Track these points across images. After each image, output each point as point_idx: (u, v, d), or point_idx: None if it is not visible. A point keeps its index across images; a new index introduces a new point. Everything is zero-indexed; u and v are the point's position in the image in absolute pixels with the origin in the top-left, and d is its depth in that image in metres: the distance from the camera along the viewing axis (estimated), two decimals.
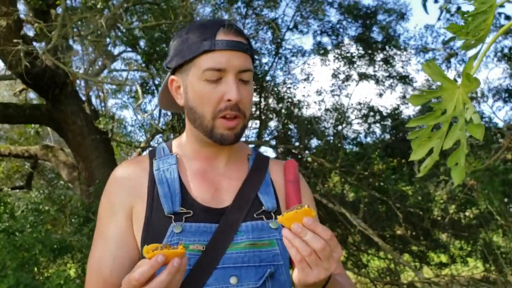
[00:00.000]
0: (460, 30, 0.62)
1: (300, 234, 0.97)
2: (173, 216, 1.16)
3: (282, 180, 1.29)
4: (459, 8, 3.56)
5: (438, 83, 0.67)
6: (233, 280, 1.12)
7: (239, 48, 1.16)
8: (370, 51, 7.54)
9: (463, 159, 0.65)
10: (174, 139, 1.33)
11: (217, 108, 1.15)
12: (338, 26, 7.52)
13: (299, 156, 6.92)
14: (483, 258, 6.29)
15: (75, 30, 3.90)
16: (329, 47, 7.75)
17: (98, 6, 4.10)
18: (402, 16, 7.38)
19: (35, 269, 3.98)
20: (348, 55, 7.63)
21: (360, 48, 7.58)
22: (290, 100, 7.42)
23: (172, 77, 1.24)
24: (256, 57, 7.32)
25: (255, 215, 1.20)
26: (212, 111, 1.16)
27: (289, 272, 1.19)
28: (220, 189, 1.23)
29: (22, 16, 5.46)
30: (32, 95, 8.82)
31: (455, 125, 0.67)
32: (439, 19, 5.80)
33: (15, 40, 3.51)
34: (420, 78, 9.18)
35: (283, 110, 7.45)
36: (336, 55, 7.70)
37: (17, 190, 9.03)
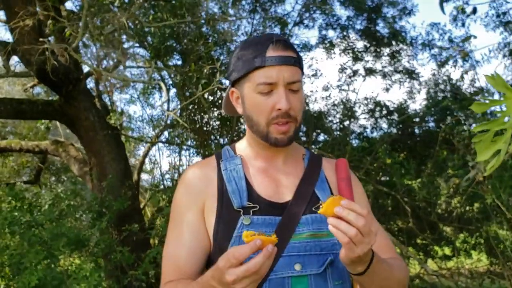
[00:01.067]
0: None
1: (343, 215, 1.09)
2: (241, 210, 1.30)
3: (334, 177, 1.43)
4: (474, 9, 3.66)
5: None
6: (297, 267, 1.25)
7: (287, 62, 1.29)
8: (376, 46, 7.62)
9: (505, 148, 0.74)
10: (236, 143, 1.48)
11: (270, 116, 1.30)
12: (343, 20, 7.61)
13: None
14: (487, 251, 6.42)
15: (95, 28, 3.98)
16: (335, 41, 7.84)
17: (116, 3, 4.19)
18: (406, 11, 7.45)
19: (59, 262, 4.08)
20: (354, 49, 7.71)
21: (366, 42, 7.66)
22: None
23: (232, 89, 1.39)
24: None
25: (313, 209, 1.33)
26: (266, 119, 1.31)
27: None
28: (281, 185, 1.38)
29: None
30: (38, 89, 8.91)
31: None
32: (454, 19, 5.89)
33: (40, 40, 3.60)
34: (426, 73, 9.26)
35: None
36: (342, 49, 7.78)
37: (27, 185, 9.11)
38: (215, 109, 6.55)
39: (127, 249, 4.95)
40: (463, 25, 6.12)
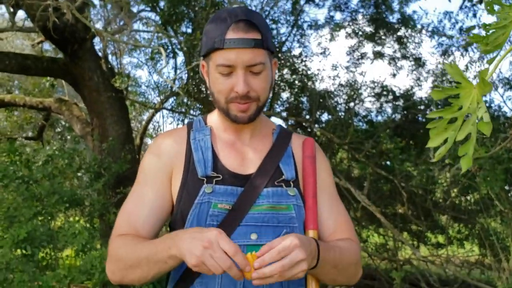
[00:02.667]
0: (481, 40, 0.72)
1: (264, 273, 1.12)
2: (205, 179, 1.34)
3: (301, 154, 1.44)
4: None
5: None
6: (253, 236, 1.30)
7: (246, 45, 1.28)
8: (384, 30, 7.54)
9: (471, 150, 0.75)
10: (209, 113, 1.50)
11: (229, 96, 1.32)
12: (352, 2, 7.53)
13: (309, 130, 7.02)
14: (479, 242, 6.44)
15: None
16: (343, 23, 7.76)
17: None
18: None
19: (49, 218, 4.14)
20: (362, 32, 7.64)
21: (373, 27, 7.58)
22: (304, 72, 7.46)
23: (202, 62, 1.40)
24: (273, 26, 7.37)
25: (276, 183, 1.36)
26: (225, 98, 1.33)
27: (303, 234, 1.35)
28: (246, 158, 1.40)
29: None
30: (47, 46, 8.90)
31: (468, 120, 0.77)
32: (461, 8, 5.80)
33: None
34: (434, 61, 9.16)
35: (296, 82, 7.51)
36: (349, 32, 7.71)
37: (30, 141, 9.19)
38: None
39: None
40: (474, 15, 6.04)
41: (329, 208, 1.43)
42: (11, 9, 4.77)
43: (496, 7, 0.70)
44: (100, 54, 6.23)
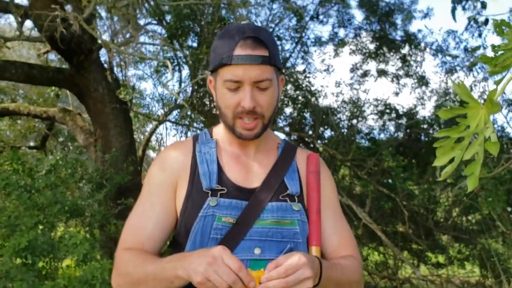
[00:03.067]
0: (490, 61, 0.73)
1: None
2: (210, 191, 1.34)
3: (306, 169, 1.46)
4: (486, 20, 3.63)
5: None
6: (257, 251, 1.30)
7: (254, 61, 1.30)
8: (388, 48, 7.59)
9: (478, 170, 0.75)
10: (214, 127, 1.51)
11: (235, 111, 1.33)
12: (356, 20, 7.61)
13: (311, 145, 7.03)
14: (480, 263, 6.41)
15: (109, 0, 4.00)
16: (346, 40, 7.82)
17: None
18: (421, 14, 7.40)
19: (49, 227, 4.13)
20: (366, 50, 7.70)
21: (377, 44, 7.63)
22: (308, 88, 7.50)
23: (210, 77, 1.42)
24: (278, 43, 7.43)
25: (280, 197, 1.36)
26: (232, 113, 1.34)
27: (307, 249, 1.36)
28: (251, 172, 1.41)
29: None
30: (52, 56, 8.96)
31: (475, 140, 0.78)
32: (466, 28, 5.85)
33: (52, 6, 3.62)
34: (438, 80, 9.19)
35: (300, 98, 7.54)
36: (353, 49, 7.77)
37: (33, 150, 9.21)
38: None
39: (122, 223, 4.99)
40: (479, 35, 6.08)
41: (332, 224, 1.43)
42: (19, 19, 4.81)
43: (504, 29, 0.71)
44: (105, 65, 6.27)
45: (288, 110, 7.71)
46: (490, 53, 0.77)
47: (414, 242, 6.86)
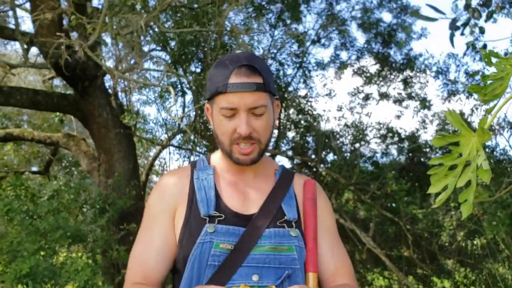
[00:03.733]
0: (480, 90, 0.74)
1: None
2: (207, 218, 1.35)
3: (303, 195, 1.46)
4: (485, 45, 3.67)
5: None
6: (255, 278, 1.30)
7: (249, 89, 1.32)
8: (389, 71, 7.65)
9: (471, 197, 0.76)
10: (212, 153, 1.53)
11: (232, 137, 1.36)
12: (358, 42, 7.70)
13: (314, 169, 7.03)
14: None
15: (114, 27, 4.08)
16: (349, 62, 7.90)
17: (137, 5, 4.27)
18: (417, 35, 7.49)
19: (51, 253, 4.12)
20: (368, 73, 7.76)
21: (378, 66, 7.71)
22: (310, 113, 7.54)
23: (207, 105, 1.45)
24: (279, 68, 7.50)
25: (278, 223, 1.37)
26: (228, 140, 1.37)
27: (304, 275, 1.36)
28: (249, 198, 1.42)
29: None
30: (57, 82, 9.05)
31: (468, 167, 0.79)
32: (465, 54, 5.90)
33: (57, 34, 3.68)
34: (439, 104, 9.25)
35: (302, 122, 7.58)
36: (355, 71, 7.83)
37: (36, 175, 9.23)
38: None
39: (124, 248, 4.98)
40: (480, 59, 6.12)
41: (330, 249, 1.44)
42: (25, 46, 4.89)
43: (493, 60, 0.73)
44: (110, 91, 6.33)
45: (290, 134, 7.74)
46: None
47: (419, 267, 6.79)
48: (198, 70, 6.94)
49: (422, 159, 7.30)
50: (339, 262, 1.43)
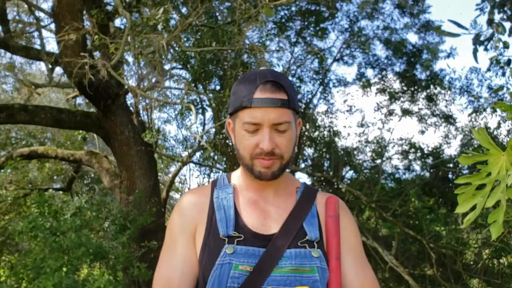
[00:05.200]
0: (509, 109, 0.73)
1: None
2: (226, 238, 1.32)
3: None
4: (509, 60, 3.62)
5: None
6: None
7: (273, 104, 1.32)
8: (413, 88, 7.60)
9: (501, 218, 0.74)
10: (233, 172, 1.51)
11: (254, 152, 1.34)
12: (383, 60, 7.65)
13: (335, 186, 6.98)
14: None
15: (136, 47, 4.15)
16: (373, 80, 7.87)
17: (159, 26, 4.33)
18: (445, 54, 7.43)
19: (78, 271, 4.15)
20: (391, 90, 7.72)
21: (403, 84, 7.66)
22: (330, 129, 7.52)
23: (229, 120, 1.43)
24: (300, 85, 7.52)
25: (299, 243, 1.33)
26: (250, 155, 1.35)
27: None
28: (269, 218, 1.38)
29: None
30: (80, 100, 9.21)
31: (497, 187, 0.77)
32: (489, 69, 5.84)
33: (81, 54, 3.76)
34: (463, 119, 9.14)
35: (322, 138, 7.55)
36: (379, 89, 7.80)
37: (59, 192, 9.35)
38: None
39: (145, 265, 4.99)
40: (503, 74, 6.04)
41: (354, 269, 1.39)
42: (50, 66, 4.99)
43: None
44: (131, 109, 6.41)
45: (310, 151, 7.71)
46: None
47: (443, 286, 6.65)
48: (218, 87, 7.00)
49: (446, 175, 7.19)
50: (365, 283, 1.39)
